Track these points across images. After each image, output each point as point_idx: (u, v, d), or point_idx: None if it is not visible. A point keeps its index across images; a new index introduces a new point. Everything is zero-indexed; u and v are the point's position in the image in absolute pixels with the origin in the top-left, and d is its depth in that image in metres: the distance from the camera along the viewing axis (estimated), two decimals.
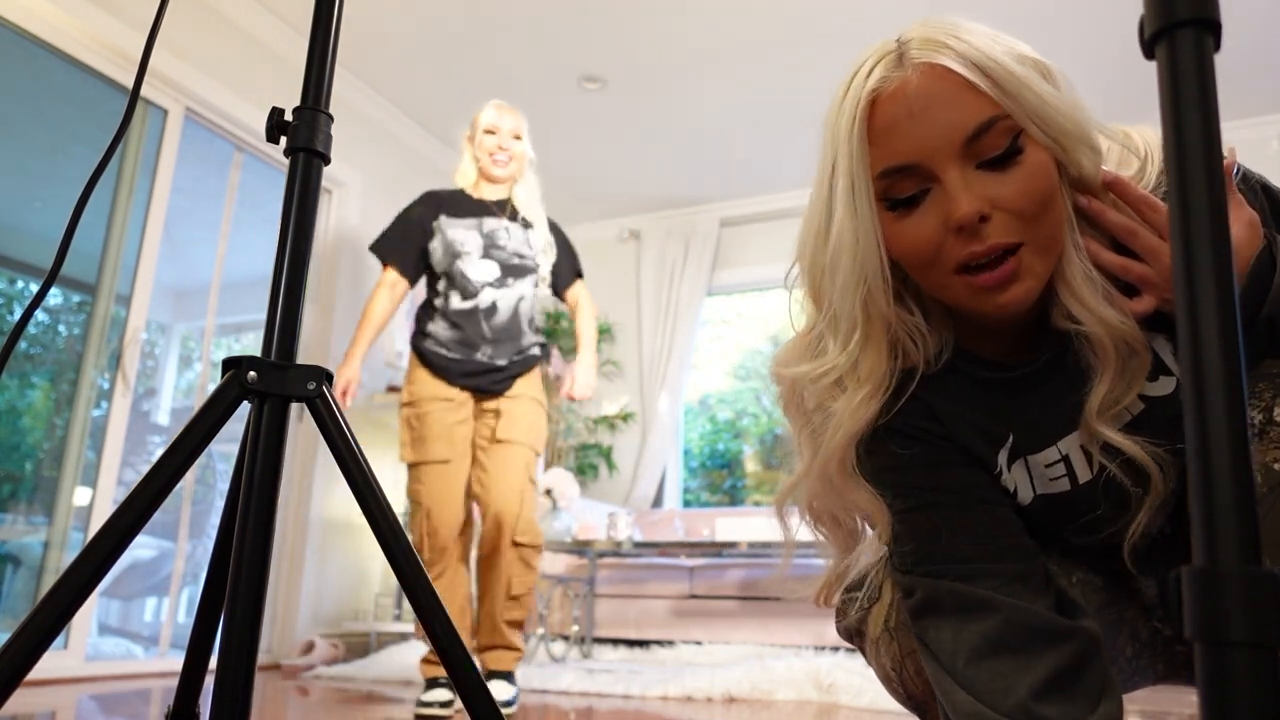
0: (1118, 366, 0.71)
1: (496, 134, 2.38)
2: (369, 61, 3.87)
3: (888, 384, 0.76)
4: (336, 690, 2.68)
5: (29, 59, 2.92)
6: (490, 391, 2.27)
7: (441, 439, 2.21)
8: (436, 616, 0.70)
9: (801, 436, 0.81)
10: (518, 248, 2.34)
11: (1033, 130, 0.68)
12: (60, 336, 3.43)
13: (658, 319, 5.11)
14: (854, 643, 0.97)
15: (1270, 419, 0.70)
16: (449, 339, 2.27)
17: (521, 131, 2.40)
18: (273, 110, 0.78)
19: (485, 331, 2.26)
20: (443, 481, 2.20)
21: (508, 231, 2.34)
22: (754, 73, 3.85)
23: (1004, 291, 0.68)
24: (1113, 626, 0.86)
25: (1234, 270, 0.40)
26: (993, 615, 0.74)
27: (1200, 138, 0.41)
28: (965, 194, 0.67)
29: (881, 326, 0.74)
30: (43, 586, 2.93)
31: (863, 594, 0.90)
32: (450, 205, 2.36)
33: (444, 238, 2.30)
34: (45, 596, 0.62)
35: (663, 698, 2.55)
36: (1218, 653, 0.37)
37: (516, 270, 2.33)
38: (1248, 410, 0.67)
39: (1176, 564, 0.70)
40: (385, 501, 0.75)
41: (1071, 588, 0.85)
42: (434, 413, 2.23)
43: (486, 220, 2.34)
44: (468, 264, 2.28)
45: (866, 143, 0.71)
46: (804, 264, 0.78)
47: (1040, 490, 0.81)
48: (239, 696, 0.62)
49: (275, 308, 0.74)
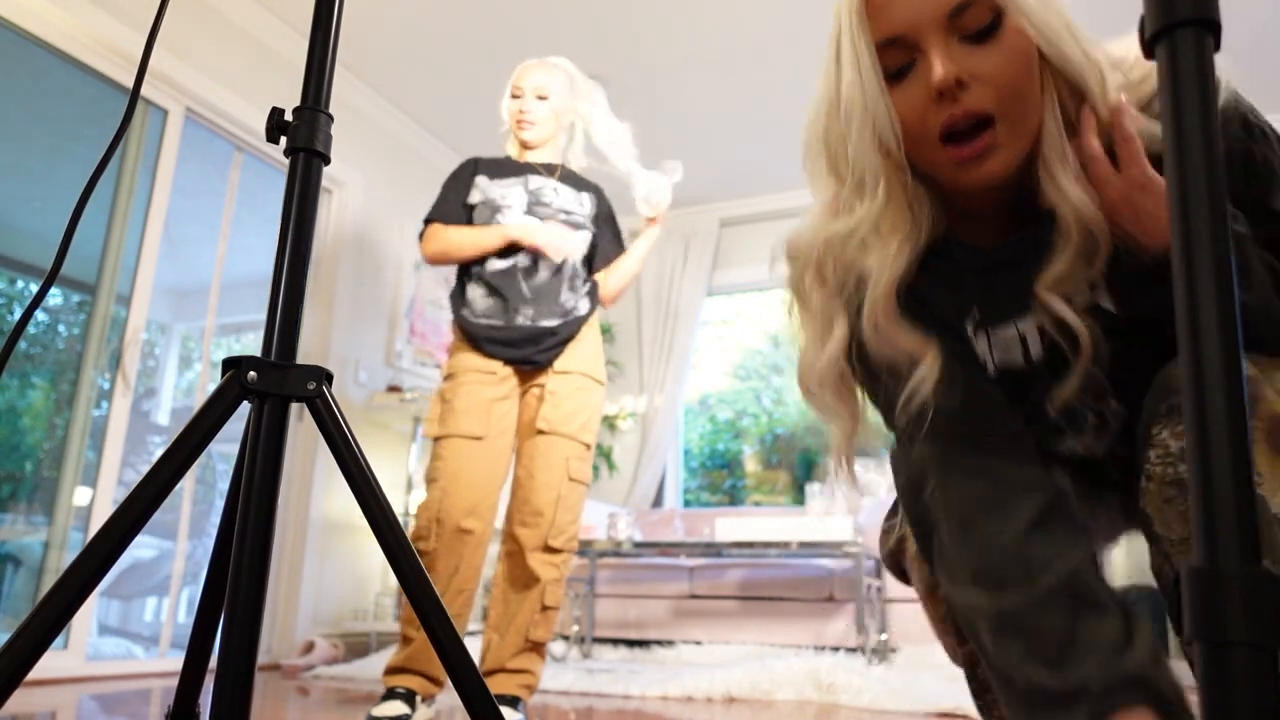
0: (1078, 245, 0.75)
1: (521, 96, 2.13)
2: (369, 61, 3.87)
3: (916, 237, 0.80)
4: (336, 690, 2.68)
5: (29, 59, 2.92)
6: (536, 363, 2.00)
7: (474, 413, 1.94)
8: (436, 616, 0.70)
9: (824, 307, 0.85)
10: (565, 204, 2.12)
11: (1015, 13, 0.74)
12: (60, 336, 3.43)
13: (658, 319, 5.11)
14: (897, 572, 1.03)
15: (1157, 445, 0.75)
16: (487, 307, 2.02)
17: (548, 90, 2.12)
18: (273, 110, 0.78)
19: (525, 291, 2.01)
20: (467, 459, 1.91)
21: (555, 191, 2.13)
22: (754, 73, 3.85)
23: (982, 164, 0.74)
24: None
25: (1231, 261, 0.40)
26: (985, 476, 0.81)
27: (1200, 137, 0.41)
28: (944, 61, 0.72)
29: (899, 181, 0.78)
30: (43, 586, 2.93)
31: (899, 518, 0.98)
32: (491, 167, 2.15)
33: (484, 194, 2.09)
34: (45, 596, 0.62)
35: (663, 698, 2.55)
36: (1218, 653, 0.37)
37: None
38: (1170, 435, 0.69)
39: (1134, 485, 0.76)
40: (385, 501, 0.75)
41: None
42: (469, 384, 1.97)
43: (532, 179, 2.12)
44: (507, 218, 2.04)
45: (865, 16, 0.78)
46: (818, 140, 0.83)
47: (999, 361, 0.86)
48: (239, 696, 0.62)
49: (275, 308, 0.74)
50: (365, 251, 4.11)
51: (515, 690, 1.93)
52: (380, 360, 4.12)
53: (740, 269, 5.07)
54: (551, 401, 1.98)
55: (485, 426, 1.94)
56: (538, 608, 1.95)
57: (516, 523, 1.97)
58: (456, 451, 1.92)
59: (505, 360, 2.00)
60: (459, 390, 1.96)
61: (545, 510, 1.94)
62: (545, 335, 1.99)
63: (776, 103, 4.06)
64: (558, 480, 1.96)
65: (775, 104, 4.07)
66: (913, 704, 2.36)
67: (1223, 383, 0.39)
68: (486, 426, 1.94)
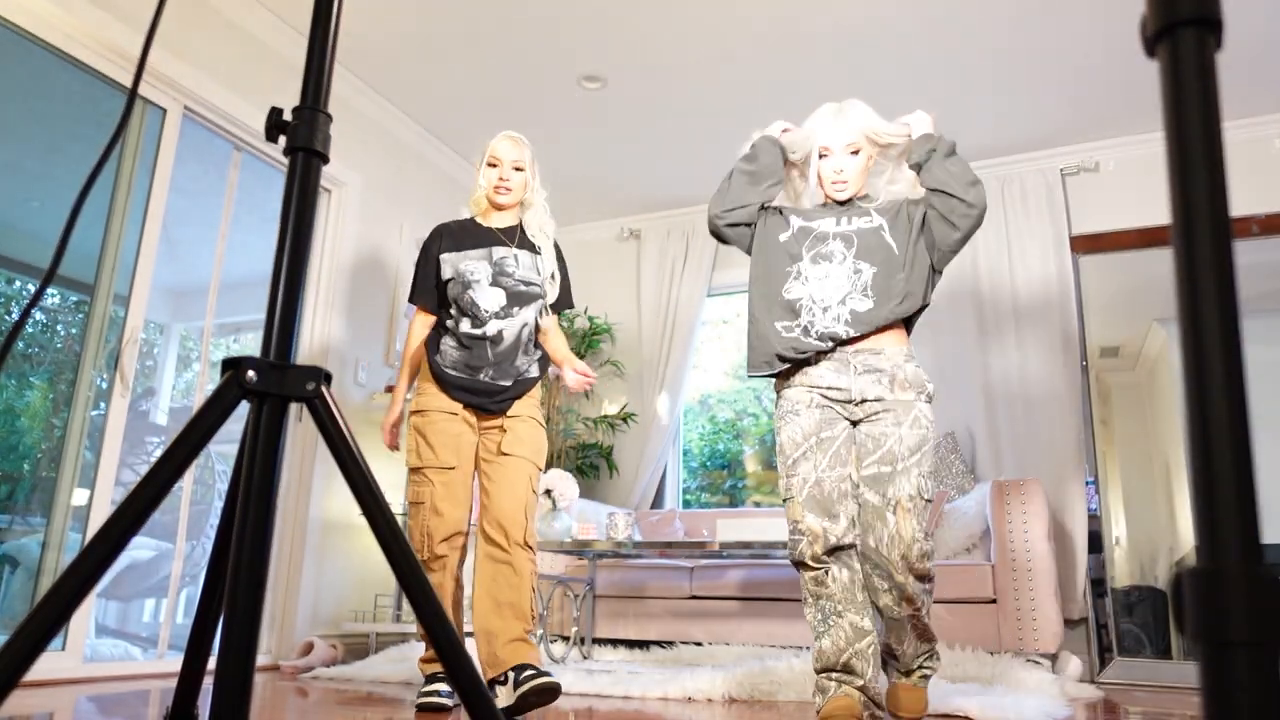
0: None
1: (498, 166, 2.53)
2: (369, 61, 3.87)
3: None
4: (336, 691, 2.67)
5: (28, 58, 2.91)
6: (491, 411, 2.44)
7: (447, 447, 2.37)
8: (436, 617, 0.70)
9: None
10: (525, 274, 2.49)
11: (866, 144, 2.22)
12: (58, 336, 3.43)
13: (658, 319, 5.11)
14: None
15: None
16: (457, 360, 2.43)
17: (524, 163, 2.55)
18: (272, 110, 0.78)
19: (490, 356, 2.43)
20: (446, 486, 2.35)
21: (516, 259, 2.50)
22: (754, 72, 3.85)
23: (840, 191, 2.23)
24: None
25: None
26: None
27: (1201, 137, 0.41)
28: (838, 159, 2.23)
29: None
30: (41, 587, 2.93)
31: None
32: (459, 238, 2.53)
33: (455, 268, 2.47)
34: (43, 597, 0.62)
35: (663, 698, 2.55)
36: (1219, 653, 0.37)
37: (522, 298, 2.48)
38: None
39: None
40: (385, 501, 0.75)
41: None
42: (439, 423, 2.39)
43: (495, 249, 2.50)
44: (478, 292, 2.44)
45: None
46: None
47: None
48: (238, 698, 0.62)
49: (274, 308, 0.74)
50: (365, 251, 4.11)
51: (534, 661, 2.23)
52: (380, 360, 4.12)
53: (740, 269, 5.05)
54: (511, 434, 2.43)
55: (456, 457, 2.38)
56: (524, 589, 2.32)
57: (490, 527, 2.34)
58: (437, 479, 2.35)
59: (465, 404, 2.43)
60: (431, 428, 2.39)
61: (516, 514, 2.35)
62: (500, 391, 2.44)
63: (777, 103, 4.06)
64: (524, 491, 2.38)
65: (776, 104, 4.07)
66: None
67: (1224, 384, 0.39)
68: (457, 457, 2.38)
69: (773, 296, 2.19)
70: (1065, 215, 4.34)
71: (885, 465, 2.04)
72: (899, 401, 2.07)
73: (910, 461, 2.03)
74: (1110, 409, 4.27)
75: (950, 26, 3.49)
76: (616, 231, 5.34)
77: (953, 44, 3.60)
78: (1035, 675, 2.83)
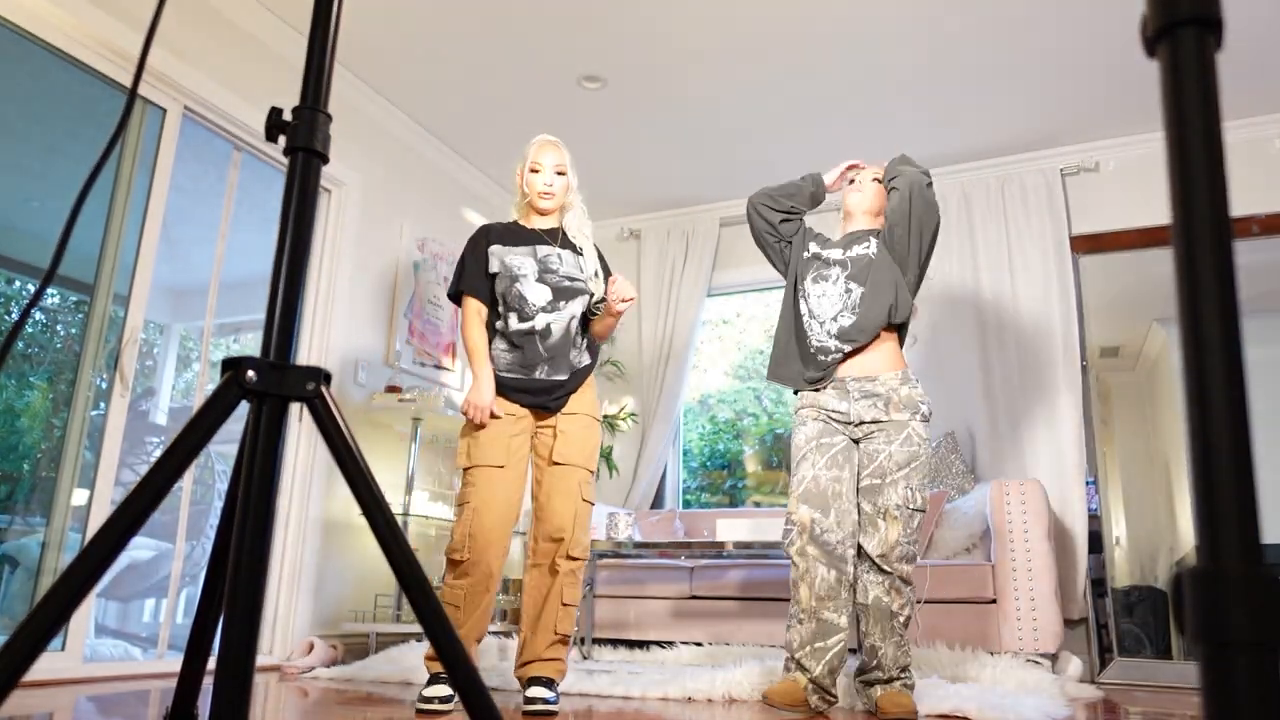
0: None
1: (541, 171, 2.56)
2: (369, 61, 3.87)
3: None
4: (336, 692, 2.67)
5: (28, 58, 2.91)
6: (548, 409, 2.46)
7: (496, 446, 2.38)
8: (436, 617, 0.70)
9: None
10: (569, 271, 2.53)
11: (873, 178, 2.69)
12: (58, 336, 3.43)
13: (658, 319, 5.11)
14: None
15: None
16: (510, 362, 2.46)
17: (565, 167, 2.59)
18: (272, 110, 0.78)
19: (542, 352, 2.45)
20: (493, 486, 2.35)
21: (560, 257, 2.53)
22: (753, 73, 3.85)
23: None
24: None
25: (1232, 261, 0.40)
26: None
27: (1201, 137, 0.41)
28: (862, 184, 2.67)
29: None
30: (40, 587, 2.93)
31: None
32: (504, 235, 2.56)
33: (502, 262, 2.49)
34: (43, 597, 0.62)
35: (663, 699, 2.55)
36: (1219, 653, 0.37)
37: (568, 292, 2.50)
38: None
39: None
40: (384, 502, 0.75)
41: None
42: (494, 425, 2.40)
43: (540, 247, 2.54)
44: (525, 286, 2.47)
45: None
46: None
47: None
48: (238, 698, 0.62)
49: (274, 308, 0.74)
50: (365, 251, 4.11)
51: (551, 673, 2.35)
52: (380, 360, 4.12)
53: (740, 269, 5.07)
54: (563, 439, 2.44)
55: (506, 458, 2.38)
56: (560, 606, 2.38)
57: (542, 538, 2.39)
58: (484, 479, 2.35)
59: (524, 404, 2.45)
60: (486, 431, 2.39)
61: (565, 526, 2.38)
62: (557, 387, 2.46)
63: (776, 103, 4.06)
64: (574, 501, 2.40)
65: (775, 104, 4.07)
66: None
67: (1224, 384, 0.39)
68: (507, 458, 2.38)
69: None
70: (1065, 215, 4.33)
71: (876, 478, 2.33)
72: (893, 422, 2.36)
73: (898, 475, 2.32)
74: (1110, 409, 4.27)
75: (950, 26, 3.49)
76: (616, 231, 5.34)
77: (953, 44, 3.60)
78: (1035, 675, 2.83)
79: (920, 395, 2.39)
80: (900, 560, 2.29)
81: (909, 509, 2.29)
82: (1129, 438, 4.23)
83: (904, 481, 2.31)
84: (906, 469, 2.32)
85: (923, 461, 2.34)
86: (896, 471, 2.31)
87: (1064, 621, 3.52)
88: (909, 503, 2.30)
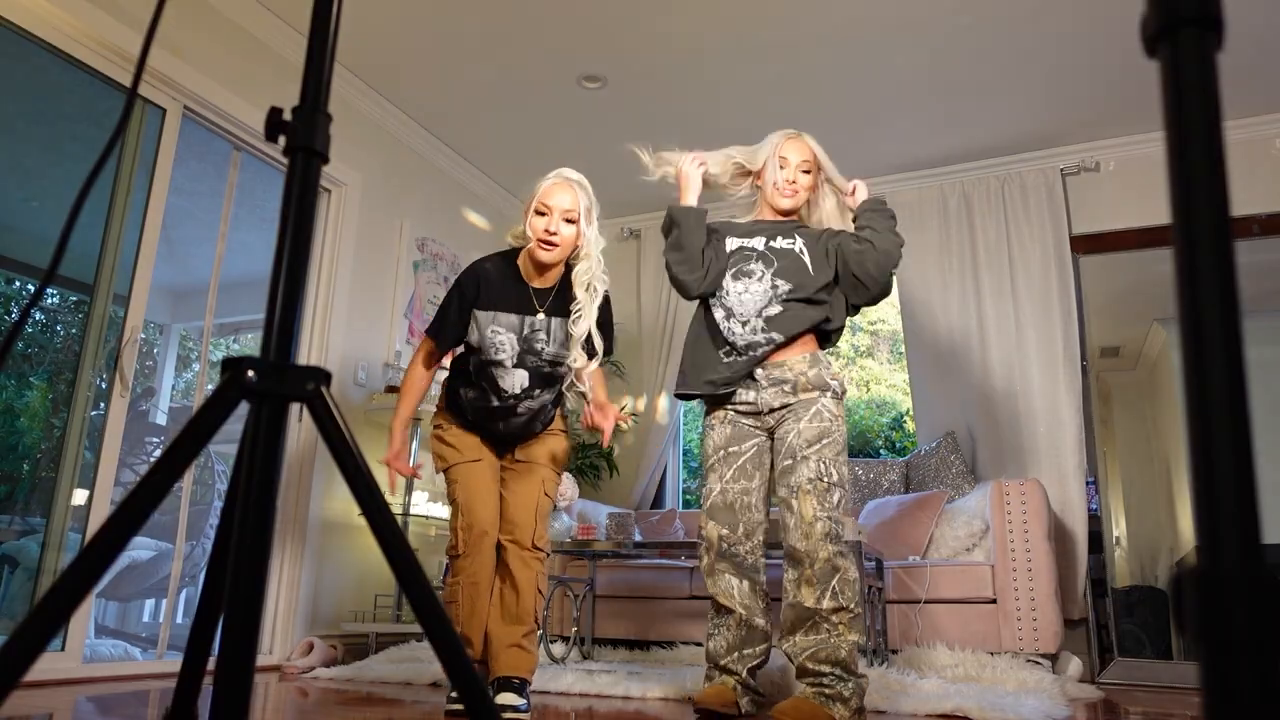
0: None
1: (547, 215, 2.20)
2: (369, 61, 3.87)
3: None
4: (335, 692, 2.67)
5: (28, 58, 2.91)
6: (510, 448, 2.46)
7: (468, 443, 2.39)
8: (435, 617, 0.70)
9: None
10: (554, 353, 2.29)
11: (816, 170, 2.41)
12: (58, 336, 3.43)
13: (657, 319, 5.11)
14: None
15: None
16: (478, 409, 2.36)
17: (576, 214, 2.20)
18: (272, 110, 0.78)
19: (510, 421, 2.38)
20: (474, 478, 2.34)
21: (548, 334, 2.27)
22: (753, 72, 3.85)
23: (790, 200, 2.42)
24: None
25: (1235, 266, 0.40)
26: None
27: (1202, 137, 0.41)
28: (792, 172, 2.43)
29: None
30: (40, 587, 2.93)
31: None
32: (493, 292, 2.26)
33: (482, 336, 2.25)
34: (43, 597, 0.62)
35: (662, 699, 2.55)
36: (1219, 653, 0.37)
37: (547, 379, 2.33)
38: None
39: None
40: (384, 502, 0.74)
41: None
42: (456, 427, 2.42)
43: (528, 319, 2.25)
44: (500, 374, 2.28)
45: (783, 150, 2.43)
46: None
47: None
48: (237, 698, 0.62)
49: (274, 308, 0.74)
50: (365, 251, 4.11)
51: (524, 673, 2.28)
52: (380, 360, 4.12)
53: None
54: (524, 448, 2.44)
55: (479, 451, 2.39)
56: (528, 592, 2.34)
57: (504, 532, 2.37)
58: (465, 473, 2.35)
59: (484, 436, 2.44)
60: (450, 433, 2.40)
61: (526, 518, 2.36)
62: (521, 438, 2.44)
63: (776, 103, 4.06)
64: (535, 495, 2.38)
65: (775, 104, 4.07)
66: (913, 705, 2.36)
67: (1224, 384, 0.39)
68: (480, 451, 2.39)
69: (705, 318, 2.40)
70: (1065, 215, 4.34)
71: (787, 459, 2.23)
72: (800, 402, 2.26)
73: (809, 451, 2.20)
74: (1110, 409, 4.27)
75: (950, 27, 3.49)
76: (616, 231, 5.34)
77: (953, 44, 3.60)
78: (1035, 675, 2.83)
79: (830, 374, 2.27)
80: (824, 538, 2.12)
81: (824, 482, 2.15)
82: (1129, 438, 4.23)
83: (815, 457, 2.18)
84: (818, 445, 2.19)
85: (835, 439, 2.21)
86: (807, 448, 2.19)
87: (1064, 622, 3.52)
88: (822, 476, 2.16)
